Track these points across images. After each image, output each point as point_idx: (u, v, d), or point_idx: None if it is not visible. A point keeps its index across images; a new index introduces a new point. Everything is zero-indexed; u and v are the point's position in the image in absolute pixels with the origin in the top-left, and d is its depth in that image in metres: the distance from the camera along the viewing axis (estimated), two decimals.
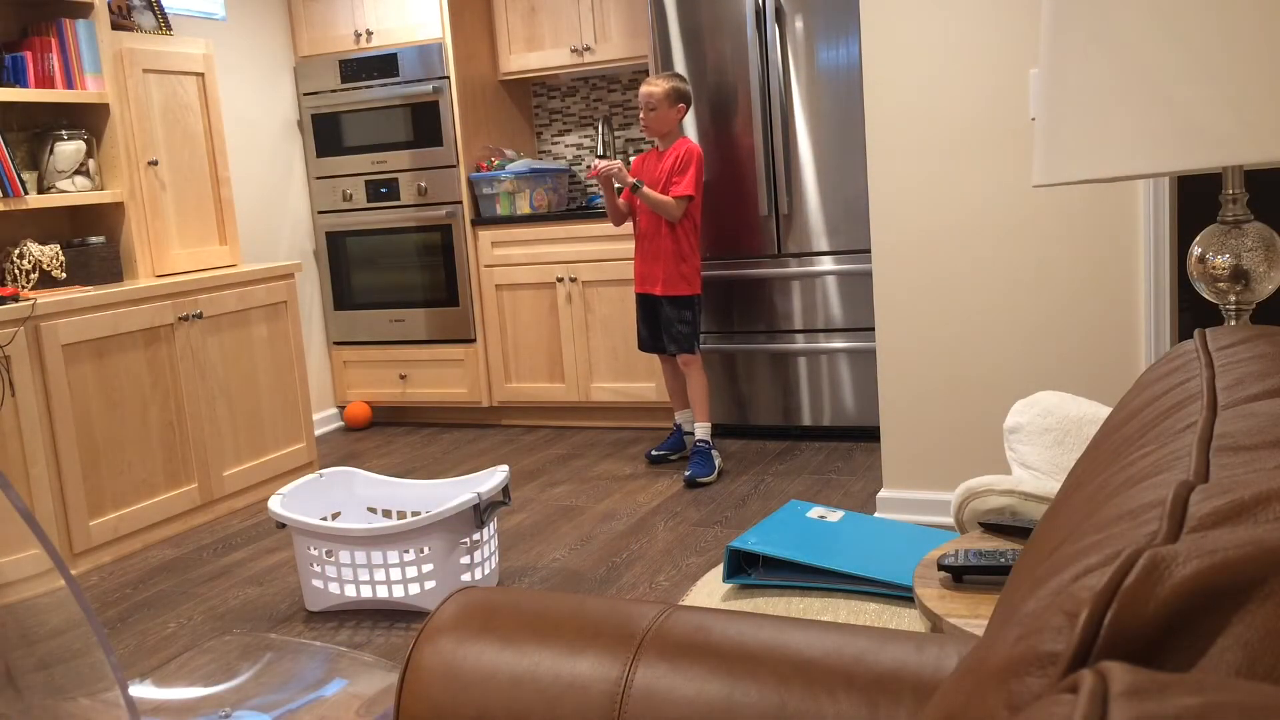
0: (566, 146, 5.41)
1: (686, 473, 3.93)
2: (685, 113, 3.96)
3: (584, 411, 4.92)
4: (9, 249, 3.58)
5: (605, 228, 4.60)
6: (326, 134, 5.15)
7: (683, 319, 3.96)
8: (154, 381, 3.68)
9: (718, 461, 3.98)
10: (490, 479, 2.96)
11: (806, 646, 0.84)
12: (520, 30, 5.05)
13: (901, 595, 1.63)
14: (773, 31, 4.18)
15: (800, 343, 4.35)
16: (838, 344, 4.28)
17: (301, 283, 5.13)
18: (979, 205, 2.99)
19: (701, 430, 4.00)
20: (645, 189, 3.89)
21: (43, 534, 1.61)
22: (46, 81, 3.61)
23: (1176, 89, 1.33)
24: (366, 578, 2.85)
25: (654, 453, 4.23)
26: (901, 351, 3.14)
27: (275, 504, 2.92)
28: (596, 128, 5.25)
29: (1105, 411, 1.81)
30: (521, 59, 5.07)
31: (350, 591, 2.88)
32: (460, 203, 4.93)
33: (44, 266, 3.57)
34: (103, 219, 3.85)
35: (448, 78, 4.86)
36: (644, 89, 3.89)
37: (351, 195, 5.15)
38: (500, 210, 4.94)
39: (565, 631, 0.91)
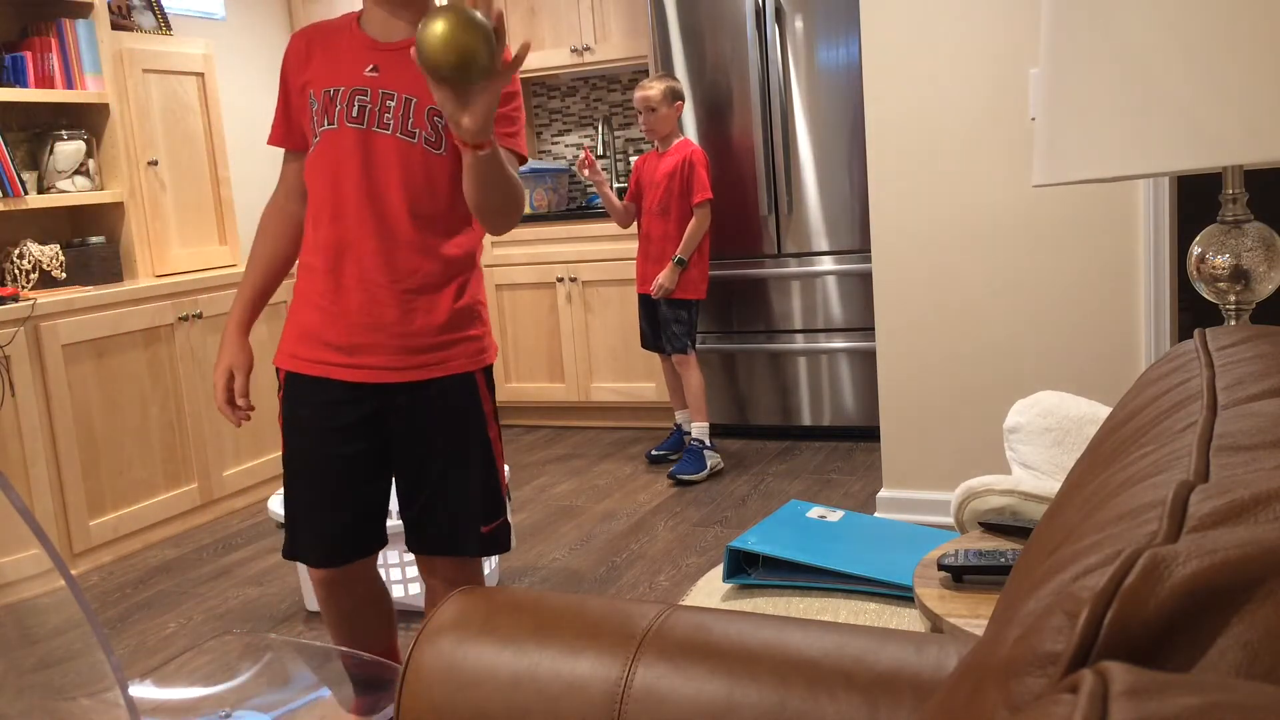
0: (566, 146, 5.41)
1: (671, 469, 3.95)
2: (682, 110, 3.98)
3: (584, 411, 4.92)
4: (9, 249, 3.58)
5: (605, 228, 4.60)
6: None
7: (678, 319, 3.96)
8: (154, 381, 3.68)
9: (710, 462, 3.97)
10: None
11: (806, 646, 0.84)
12: (520, 30, 5.05)
13: (901, 595, 1.63)
14: (773, 31, 4.18)
15: (800, 343, 4.35)
16: (838, 344, 4.28)
17: None
18: (979, 205, 2.99)
19: (698, 430, 4.00)
20: (682, 255, 3.90)
21: (43, 534, 1.60)
22: (46, 81, 3.61)
23: (1176, 89, 1.33)
24: None
25: (654, 453, 4.23)
26: (901, 351, 3.14)
27: (275, 504, 2.92)
28: (596, 128, 5.25)
29: (1105, 411, 1.81)
30: None
31: None
32: None
33: (44, 266, 3.57)
34: (103, 219, 3.85)
35: None
36: (639, 94, 3.91)
37: None
38: None
39: (565, 631, 0.91)
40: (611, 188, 4.15)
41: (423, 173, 1.70)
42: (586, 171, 3.99)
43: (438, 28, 1.36)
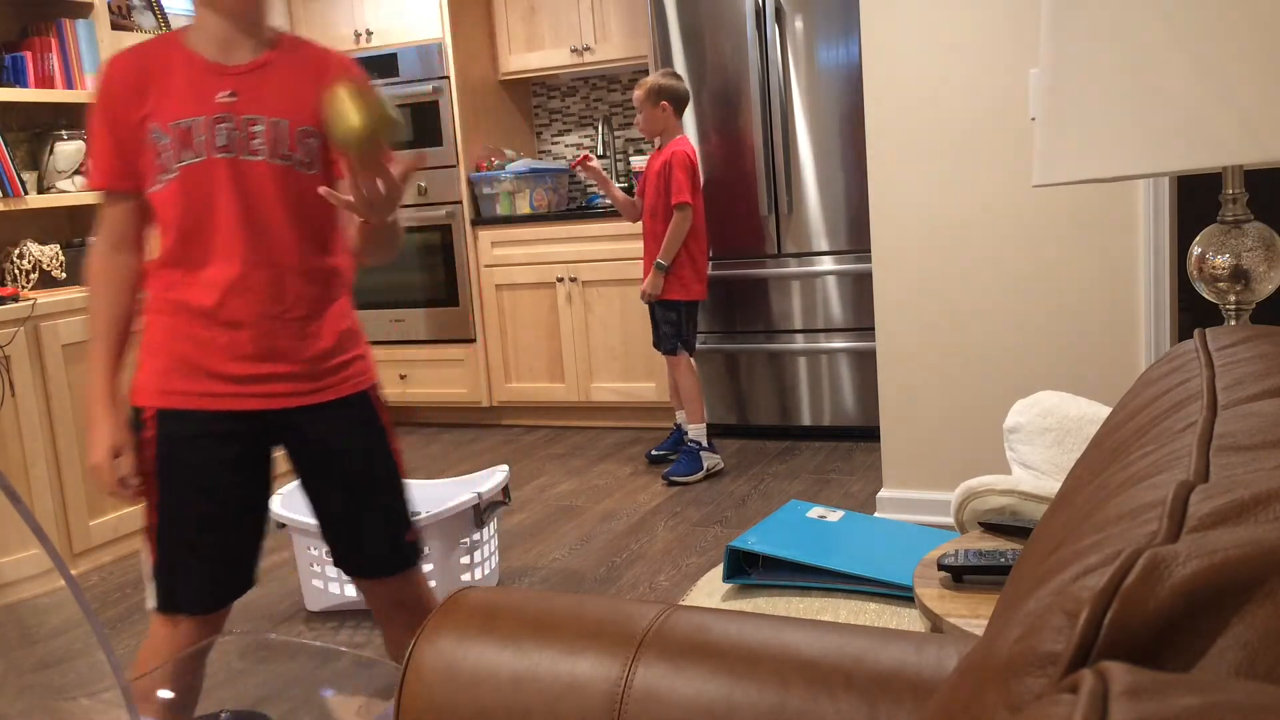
0: (566, 146, 5.41)
1: (665, 470, 3.95)
2: (672, 110, 3.90)
3: (584, 411, 4.92)
4: (9, 249, 3.58)
5: (605, 228, 4.61)
6: None
7: (667, 320, 3.95)
8: None
9: (709, 463, 3.96)
10: (490, 479, 2.96)
11: (806, 646, 0.84)
12: (520, 30, 5.05)
13: (901, 595, 1.63)
14: (773, 31, 4.18)
15: (800, 343, 4.35)
16: (838, 344, 4.28)
17: None
18: (979, 205, 2.99)
19: (694, 431, 3.99)
20: (662, 260, 3.88)
21: (43, 534, 1.60)
22: (46, 81, 3.61)
23: (1177, 89, 1.33)
24: None
25: (654, 452, 4.23)
26: (901, 351, 3.14)
27: (275, 504, 2.92)
28: (596, 128, 5.25)
29: (1105, 411, 1.81)
30: (521, 59, 5.07)
31: (350, 591, 2.88)
32: (460, 203, 4.93)
33: (44, 266, 3.57)
34: None
35: (447, 78, 4.86)
36: (634, 92, 3.93)
37: None
38: (500, 210, 4.94)
39: (565, 631, 0.91)
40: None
41: (300, 196, 1.67)
42: (584, 172, 3.98)
43: (343, 104, 1.43)
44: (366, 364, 1.79)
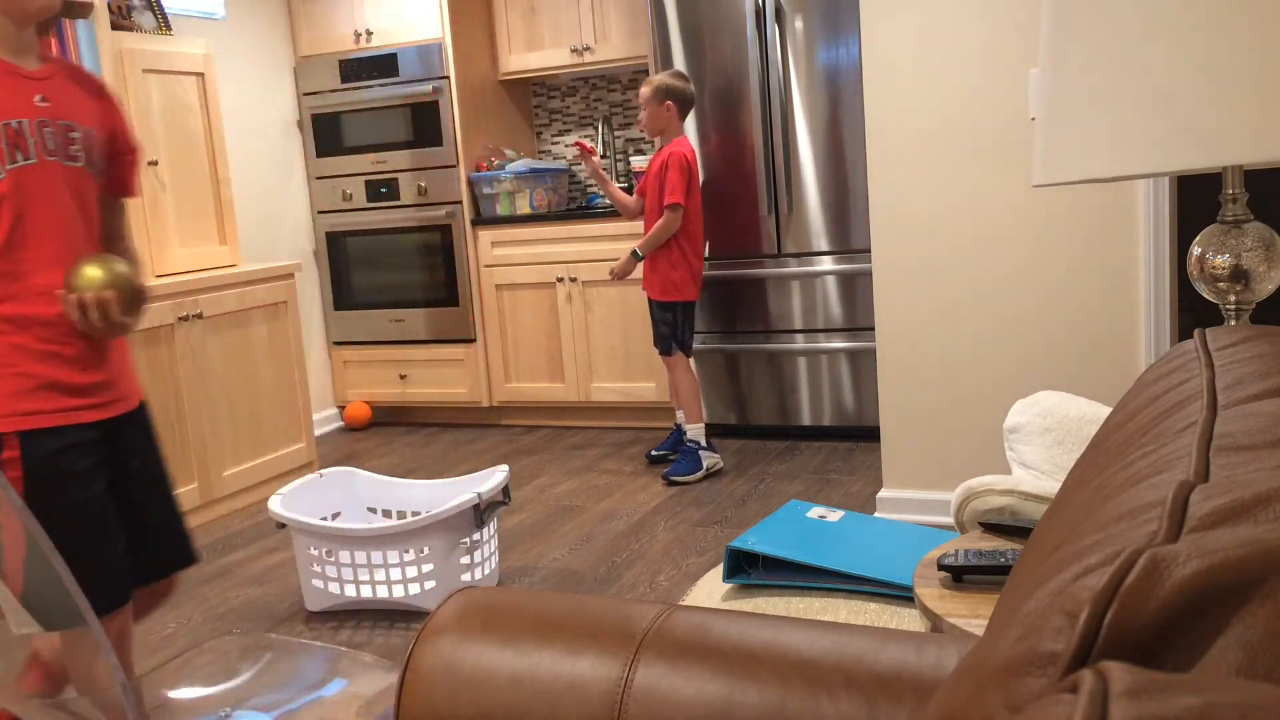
0: (566, 146, 5.41)
1: (665, 471, 3.95)
2: (676, 110, 3.90)
3: (584, 411, 4.91)
4: None
5: (605, 228, 4.61)
6: (326, 134, 5.15)
7: (664, 320, 3.95)
8: (154, 381, 3.68)
9: (708, 462, 3.96)
10: (490, 479, 2.96)
11: (806, 646, 0.84)
12: (520, 30, 5.05)
13: (901, 595, 1.63)
14: (773, 31, 4.18)
15: (800, 342, 4.35)
16: (838, 344, 4.28)
17: (301, 283, 5.13)
18: (979, 205, 2.99)
19: (693, 431, 3.99)
20: (639, 249, 3.92)
21: (42, 534, 1.60)
22: None
23: (1177, 89, 1.33)
24: (366, 578, 2.85)
25: (654, 452, 4.23)
26: (901, 351, 3.14)
27: (275, 504, 2.92)
28: (596, 128, 5.25)
29: (1105, 411, 1.81)
30: (521, 59, 5.07)
31: (350, 591, 2.88)
32: (460, 203, 4.93)
33: None
34: None
35: (447, 78, 4.86)
36: (641, 89, 3.92)
37: (351, 195, 5.15)
38: (500, 210, 4.94)
39: (565, 631, 0.91)
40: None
41: (97, 200, 1.73)
42: (584, 169, 3.98)
43: (91, 272, 1.62)
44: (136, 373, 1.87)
